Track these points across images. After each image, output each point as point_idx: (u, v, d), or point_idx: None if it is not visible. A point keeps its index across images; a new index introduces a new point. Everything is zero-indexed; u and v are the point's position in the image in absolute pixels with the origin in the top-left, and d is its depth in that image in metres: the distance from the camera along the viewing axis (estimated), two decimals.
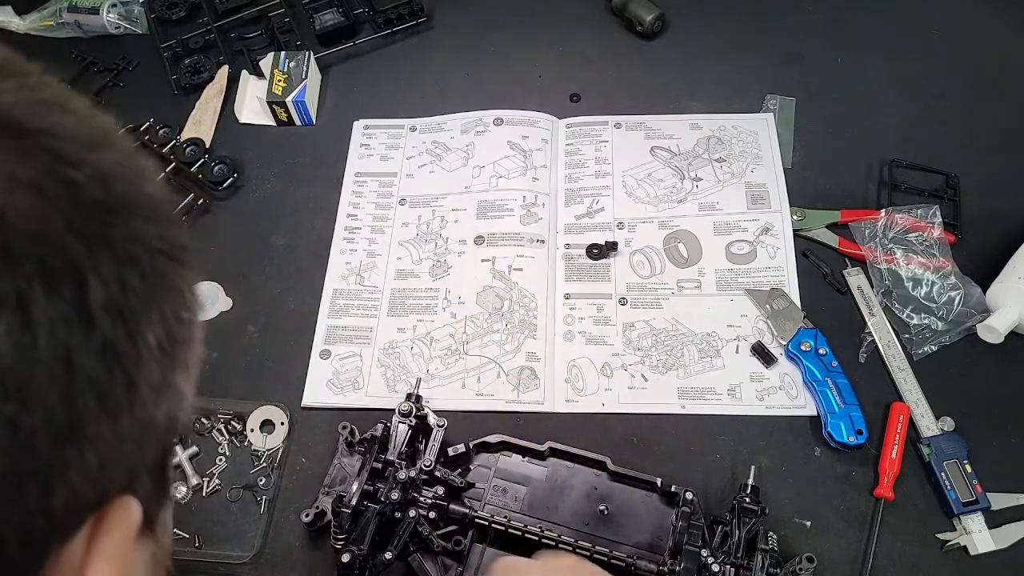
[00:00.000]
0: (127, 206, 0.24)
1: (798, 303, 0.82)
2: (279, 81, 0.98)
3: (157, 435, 0.25)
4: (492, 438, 0.73)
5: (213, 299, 0.86)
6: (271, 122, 0.99)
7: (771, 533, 0.67)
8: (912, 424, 0.75)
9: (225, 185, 0.93)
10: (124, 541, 0.23)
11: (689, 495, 0.67)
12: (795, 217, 0.87)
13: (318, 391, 0.80)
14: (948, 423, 0.75)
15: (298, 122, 0.99)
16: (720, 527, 0.68)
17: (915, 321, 0.80)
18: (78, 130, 0.23)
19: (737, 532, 0.66)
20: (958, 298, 0.81)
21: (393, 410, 0.71)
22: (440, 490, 0.68)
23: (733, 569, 0.64)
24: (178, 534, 0.73)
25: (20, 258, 0.20)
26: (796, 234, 0.87)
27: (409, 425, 0.70)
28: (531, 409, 0.79)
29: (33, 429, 0.20)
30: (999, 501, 0.71)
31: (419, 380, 0.74)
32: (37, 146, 0.22)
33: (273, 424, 0.78)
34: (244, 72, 1.02)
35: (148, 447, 0.25)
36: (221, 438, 0.78)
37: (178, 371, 0.26)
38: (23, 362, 0.20)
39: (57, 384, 0.21)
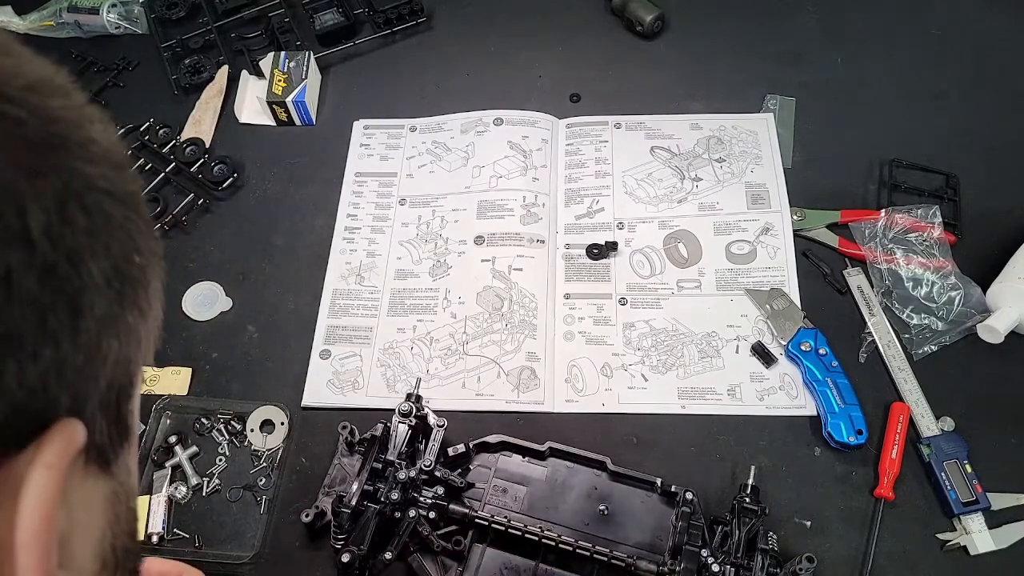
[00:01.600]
0: (70, 146, 0.25)
1: (798, 303, 0.82)
2: (279, 81, 0.98)
3: (106, 369, 0.26)
4: (492, 438, 0.74)
5: (213, 299, 0.86)
6: (271, 122, 0.99)
7: (771, 533, 0.67)
8: (912, 424, 0.75)
9: (225, 185, 0.93)
10: (63, 454, 0.24)
11: (689, 495, 0.67)
12: (795, 217, 0.87)
13: (318, 391, 0.80)
14: (948, 423, 0.75)
15: (298, 122, 0.99)
16: (720, 527, 0.68)
17: (915, 321, 0.80)
18: (19, 72, 0.24)
19: (737, 532, 0.66)
20: (958, 298, 0.81)
21: (393, 410, 0.71)
22: (440, 490, 0.68)
23: (733, 569, 0.64)
24: (178, 534, 0.73)
25: None
26: (796, 234, 0.87)
27: (409, 425, 0.70)
28: (531, 409, 0.79)
29: None
30: (999, 501, 0.71)
31: (419, 380, 0.74)
32: None
33: (273, 424, 0.78)
34: (244, 72, 1.02)
35: (95, 378, 0.26)
36: (221, 438, 0.78)
37: (129, 310, 0.27)
38: None
39: None
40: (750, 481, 0.69)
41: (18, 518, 0.23)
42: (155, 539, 0.70)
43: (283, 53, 1.00)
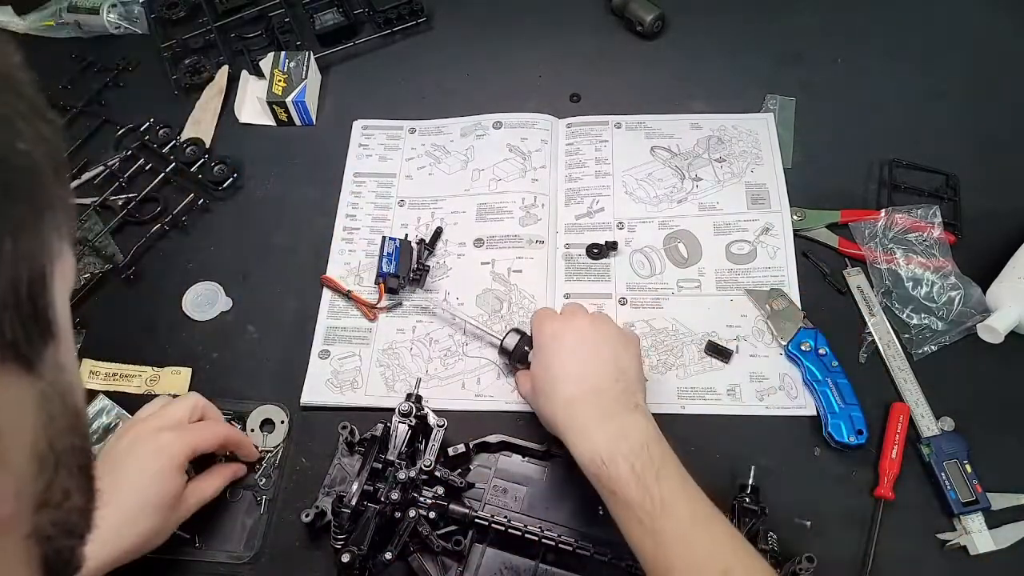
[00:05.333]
0: None
1: (798, 303, 0.82)
2: (279, 81, 0.98)
3: (3, 267, 0.25)
4: (492, 438, 0.74)
5: (213, 299, 0.86)
6: (271, 122, 0.99)
7: (771, 533, 0.67)
8: (912, 424, 0.75)
9: (225, 185, 0.93)
10: None
11: None
12: (795, 217, 0.87)
13: (317, 390, 0.80)
14: (948, 423, 0.75)
15: (298, 122, 0.99)
16: None
17: (915, 321, 0.80)
18: None
19: None
20: (958, 298, 0.81)
21: (393, 410, 0.71)
22: (440, 490, 0.68)
23: None
24: (178, 534, 0.73)
25: None
26: (796, 234, 0.87)
27: (409, 425, 0.70)
28: (531, 409, 0.78)
29: None
30: (999, 501, 0.71)
31: (419, 380, 0.74)
32: None
33: (273, 424, 0.78)
34: (244, 72, 1.02)
35: None
36: None
37: (19, 203, 0.26)
38: None
39: None
40: (750, 481, 0.69)
41: None
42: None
43: (283, 53, 1.00)
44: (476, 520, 0.68)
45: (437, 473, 0.69)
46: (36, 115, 0.27)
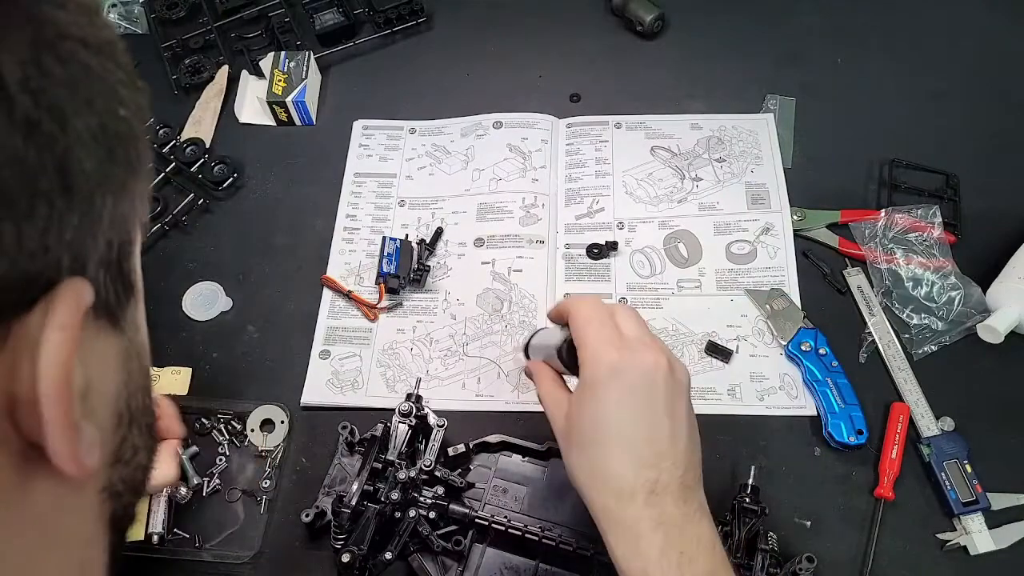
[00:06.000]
0: None
1: (798, 303, 0.82)
2: (279, 81, 0.98)
3: (103, 227, 0.26)
4: (492, 438, 0.74)
5: (213, 299, 0.86)
6: (271, 122, 0.99)
7: (771, 533, 0.67)
8: (912, 424, 0.75)
9: (225, 185, 0.93)
10: (74, 313, 0.25)
11: None
12: (795, 217, 0.87)
13: (317, 391, 0.80)
14: (948, 423, 0.75)
15: (298, 122, 0.99)
16: (720, 527, 0.67)
17: (915, 321, 0.80)
18: None
19: (737, 532, 0.66)
20: (958, 298, 0.81)
21: (393, 410, 0.71)
22: (440, 490, 0.68)
23: None
24: (178, 534, 0.73)
25: None
26: (796, 234, 0.87)
27: (409, 425, 0.70)
28: (531, 409, 0.78)
29: None
30: (999, 501, 0.71)
31: (419, 380, 0.74)
32: None
33: (273, 424, 0.78)
34: (244, 72, 1.02)
35: (94, 236, 0.26)
36: (221, 438, 0.78)
37: (120, 166, 0.27)
38: None
39: None
40: (750, 481, 0.69)
41: (39, 374, 0.24)
42: (155, 539, 0.70)
43: (283, 53, 1.00)
44: (476, 520, 0.68)
45: (437, 473, 0.69)
46: (132, 83, 0.28)
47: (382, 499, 0.66)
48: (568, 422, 0.52)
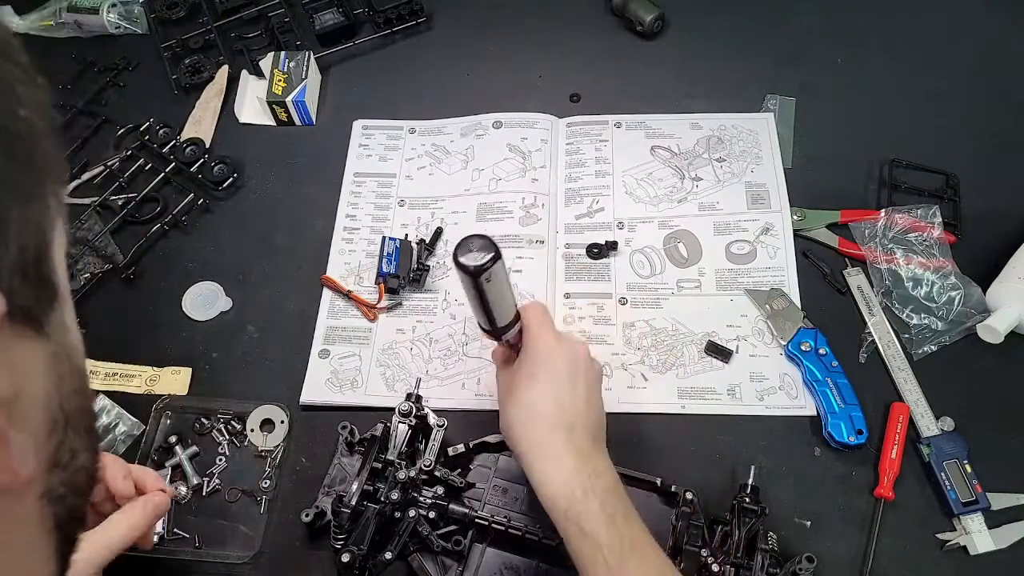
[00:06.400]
0: None
1: (798, 303, 0.82)
2: (279, 81, 0.98)
3: (12, 234, 0.25)
4: (492, 438, 0.73)
5: (213, 299, 0.86)
6: (271, 122, 0.99)
7: (771, 533, 0.67)
8: (912, 424, 0.75)
9: (225, 185, 0.93)
10: None
11: (689, 495, 0.67)
12: (795, 217, 0.87)
13: (317, 390, 0.80)
14: (948, 423, 0.75)
15: (298, 122, 0.99)
16: (720, 527, 0.68)
17: (915, 321, 0.80)
18: None
19: (737, 532, 0.66)
20: (958, 298, 0.81)
21: (393, 410, 0.71)
22: (440, 490, 0.68)
23: (733, 569, 0.64)
24: (178, 534, 0.73)
25: None
26: (796, 234, 0.87)
27: (409, 425, 0.70)
28: None
29: None
30: (999, 501, 0.71)
31: (419, 380, 0.74)
32: None
33: (273, 424, 0.78)
34: (244, 72, 1.02)
35: (4, 244, 0.25)
36: (221, 438, 0.78)
37: (22, 170, 0.26)
38: None
39: None
40: (750, 481, 0.69)
41: None
42: (155, 539, 0.70)
43: (283, 53, 1.00)
44: (476, 520, 0.68)
45: (437, 473, 0.69)
46: (31, 80, 0.27)
47: (382, 499, 0.66)
48: (513, 378, 0.65)
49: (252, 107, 1.00)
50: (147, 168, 0.95)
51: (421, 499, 0.68)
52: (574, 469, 0.59)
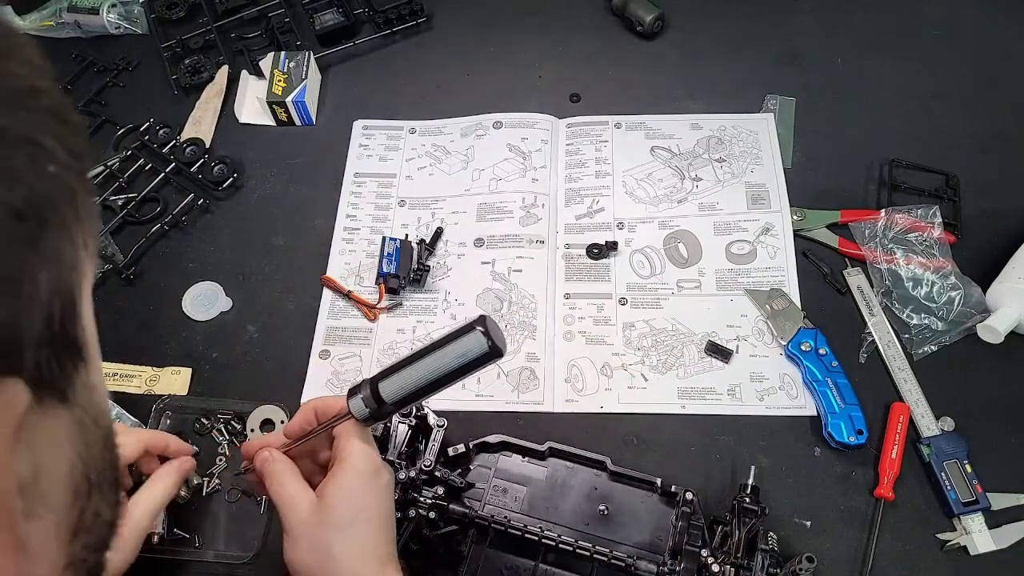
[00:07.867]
0: None
1: (798, 303, 0.82)
2: (279, 81, 0.98)
3: (39, 304, 0.23)
4: (492, 438, 0.73)
5: (213, 299, 0.86)
6: (271, 122, 0.99)
7: (771, 533, 0.67)
8: (912, 424, 0.75)
9: (225, 185, 0.93)
10: (7, 421, 0.22)
11: (689, 495, 0.67)
12: (795, 217, 0.87)
13: (317, 390, 0.80)
14: (948, 423, 0.75)
15: (298, 122, 0.99)
16: (720, 527, 0.68)
17: (915, 321, 0.80)
18: None
19: (737, 532, 0.66)
20: (958, 298, 0.81)
21: None
22: (440, 490, 0.68)
23: (733, 569, 0.64)
24: (178, 534, 0.73)
25: None
26: (796, 234, 0.87)
27: (409, 425, 0.70)
28: (531, 409, 0.79)
29: None
30: (999, 501, 0.71)
31: None
32: None
33: (273, 424, 0.78)
34: (244, 72, 1.02)
35: (29, 318, 0.23)
36: (221, 438, 0.78)
37: (51, 234, 0.23)
38: None
39: None
40: (750, 481, 0.69)
41: None
42: (155, 539, 0.70)
43: (283, 53, 1.00)
44: (476, 520, 0.68)
45: (437, 473, 0.69)
46: (60, 122, 0.24)
47: None
48: (323, 505, 0.56)
49: (252, 107, 1.00)
50: (147, 168, 0.95)
51: (421, 499, 0.68)
52: None
